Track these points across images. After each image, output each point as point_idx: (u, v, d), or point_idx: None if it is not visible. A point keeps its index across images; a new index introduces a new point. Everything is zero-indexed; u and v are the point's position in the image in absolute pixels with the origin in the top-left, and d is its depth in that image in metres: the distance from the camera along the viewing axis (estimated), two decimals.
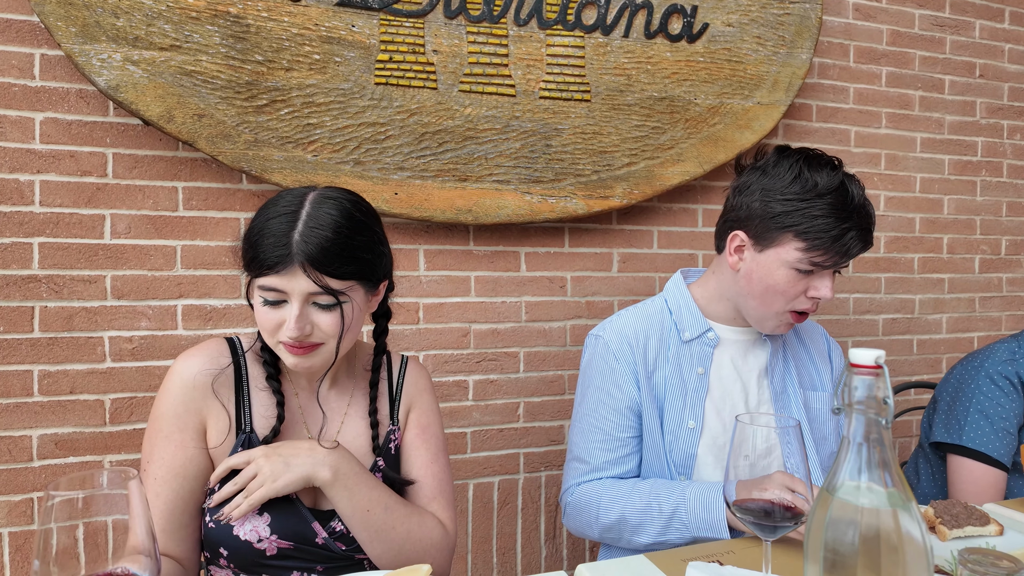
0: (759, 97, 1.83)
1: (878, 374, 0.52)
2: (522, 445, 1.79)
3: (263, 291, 0.87)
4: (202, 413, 0.93)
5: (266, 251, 0.84)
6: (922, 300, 2.23)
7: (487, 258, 1.74)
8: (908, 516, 0.50)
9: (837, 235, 1.03)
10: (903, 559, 0.49)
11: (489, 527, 1.76)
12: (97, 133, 1.44)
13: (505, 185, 1.63)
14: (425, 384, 1.10)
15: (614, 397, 1.15)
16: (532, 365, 1.80)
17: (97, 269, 1.44)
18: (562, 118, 1.66)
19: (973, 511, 0.95)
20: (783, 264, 1.06)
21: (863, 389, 0.52)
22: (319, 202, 0.88)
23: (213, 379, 0.93)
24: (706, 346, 1.19)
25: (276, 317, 0.87)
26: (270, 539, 0.91)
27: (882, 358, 0.51)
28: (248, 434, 0.94)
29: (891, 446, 0.52)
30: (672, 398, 1.16)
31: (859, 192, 1.06)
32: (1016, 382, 1.35)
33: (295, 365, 0.90)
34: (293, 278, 0.84)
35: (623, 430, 1.14)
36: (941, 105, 2.23)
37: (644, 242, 1.89)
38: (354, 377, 1.04)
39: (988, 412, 1.33)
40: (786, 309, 1.10)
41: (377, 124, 1.52)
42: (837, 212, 1.03)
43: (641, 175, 1.74)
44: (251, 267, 0.86)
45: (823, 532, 0.52)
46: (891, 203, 2.18)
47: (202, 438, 0.93)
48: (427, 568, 0.79)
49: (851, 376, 0.53)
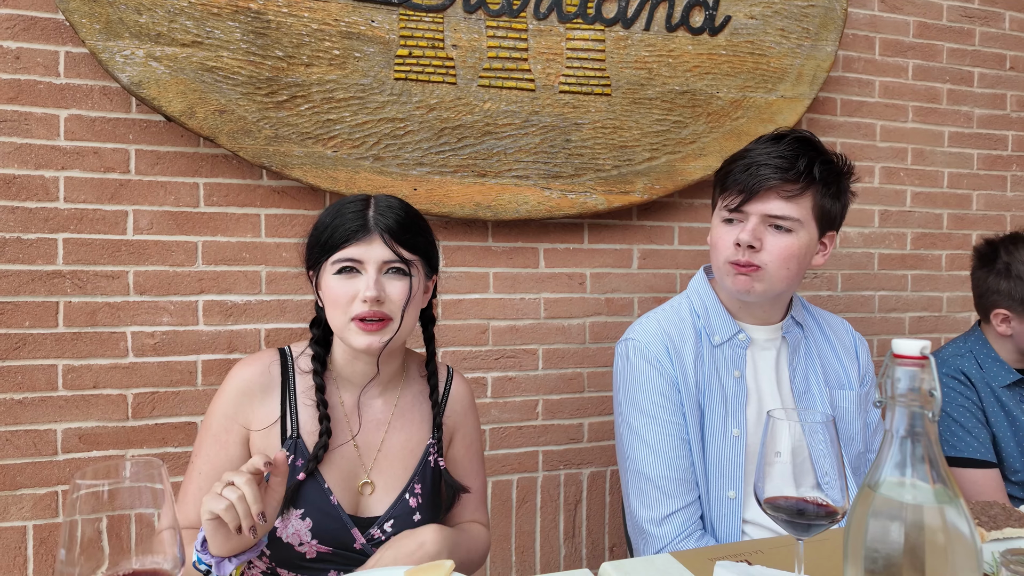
0: (783, 90, 1.80)
1: (923, 365, 0.50)
2: (541, 443, 1.78)
3: (340, 262, 0.93)
4: (248, 420, 0.96)
5: (345, 226, 0.93)
6: (950, 298, 2.17)
7: (506, 254, 1.72)
8: (956, 513, 0.48)
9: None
10: (950, 558, 0.47)
11: (508, 526, 1.74)
12: (120, 130, 1.45)
13: (524, 181, 1.61)
14: (470, 402, 1.12)
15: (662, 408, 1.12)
16: (551, 362, 1.78)
17: (120, 265, 1.45)
18: (582, 112, 1.64)
19: (1012, 512, 0.92)
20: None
21: (906, 381, 0.50)
22: (383, 197, 0.99)
23: (262, 388, 0.97)
24: (738, 348, 1.15)
25: (350, 289, 0.92)
26: (311, 543, 0.93)
27: (928, 348, 0.49)
28: (295, 440, 0.96)
29: (936, 441, 0.50)
30: (713, 404, 1.12)
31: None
32: (963, 378, 1.42)
33: (367, 345, 0.92)
34: (371, 247, 0.93)
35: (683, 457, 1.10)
36: (970, 98, 2.17)
37: (665, 238, 1.86)
38: (399, 387, 1.05)
39: (956, 417, 1.40)
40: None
41: (396, 120, 1.51)
42: None
43: (662, 170, 1.72)
44: (328, 245, 0.93)
45: (864, 530, 0.50)
46: (918, 199, 2.13)
47: (245, 443, 0.97)
48: (450, 563, 0.79)
49: (894, 367, 0.51)
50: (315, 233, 0.97)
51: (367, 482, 0.98)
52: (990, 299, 1.46)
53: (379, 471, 0.99)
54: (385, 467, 0.99)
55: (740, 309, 1.16)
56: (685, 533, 1.05)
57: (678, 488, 1.07)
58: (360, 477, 0.98)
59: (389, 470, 0.99)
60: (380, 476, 0.99)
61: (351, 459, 0.97)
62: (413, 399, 1.05)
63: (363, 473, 0.98)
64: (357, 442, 0.98)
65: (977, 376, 1.42)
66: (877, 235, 2.09)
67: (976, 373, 1.42)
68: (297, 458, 0.95)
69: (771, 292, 1.10)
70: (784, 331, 1.16)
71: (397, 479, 0.99)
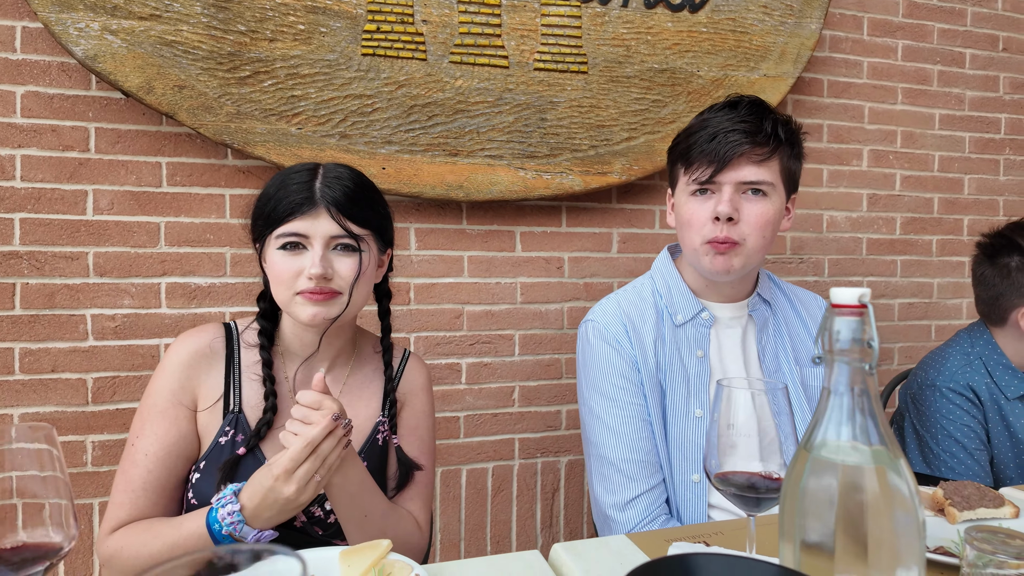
0: (765, 69, 1.75)
1: (863, 314, 0.45)
2: (517, 430, 1.74)
3: (284, 237, 0.88)
4: (195, 392, 0.93)
5: (290, 198, 0.88)
6: (941, 284, 2.12)
7: (481, 237, 1.68)
8: (896, 475, 0.44)
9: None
10: (890, 523, 0.43)
11: (483, 514, 1.70)
12: (79, 107, 1.41)
13: (498, 160, 1.57)
14: (422, 383, 1.07)
15: (622, 390, 1.08)
16: (528, 348, 1.74)
17: (79, 246, 1.42)
18: (557, 91, 1.60)
19: (987, 492, 0.87)
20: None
21: (847, 332, 0.46)
22: (332, 165, 0.94)
23: (206, 360, 0.94)
24: (702, 327, 1.11)
25: (295, 265, 0.88)
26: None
27: (867, 296, 0.45)
28: (236, 414, 0.92)
29: (877, 396, 0.45)
30: (675, 385, 1.09)
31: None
32: (971, 395, 1.28)
33: (312, 317, 0.88)
34: (317, 221, 0.88)
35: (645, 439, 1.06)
36: (961, 80, 2.12)
37: (645, 222, 1.82)
38: (349, 364, 1.02)
39: (957, 436, 1.27)
40: None
41: (364, 96, 1.47)
42: None
43: (641, 150, 1.67)
44: (272, 218, 0.89)
45: (798, 496, 0.46)
46: (908, 182, 2.08)
47: (193, 417, 0.93)
48: (387, 543, 0.74)
49: (832, 319, 0.46)
50: (259, 205, 0.92)
51: None
52: (1011, 299, 1.28)
53: None
54: None
55: (705, 288, 1.12)
56: (650, 517, 1.01)
57: (641, 471, 1.03)
58: None
59: None
60: None
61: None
62: (365, 377, 1.02)
63: None
64: (288, 428, 0.94)
65: (986, 392, 1.28)
66: (865, 219, 2.04)
67: (985, 388, 1.29)
68: (237, 433, 0.91)
69: (748, 266, 1.06)
70: (750, 309, 1.12)
71: None
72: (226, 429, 0.91)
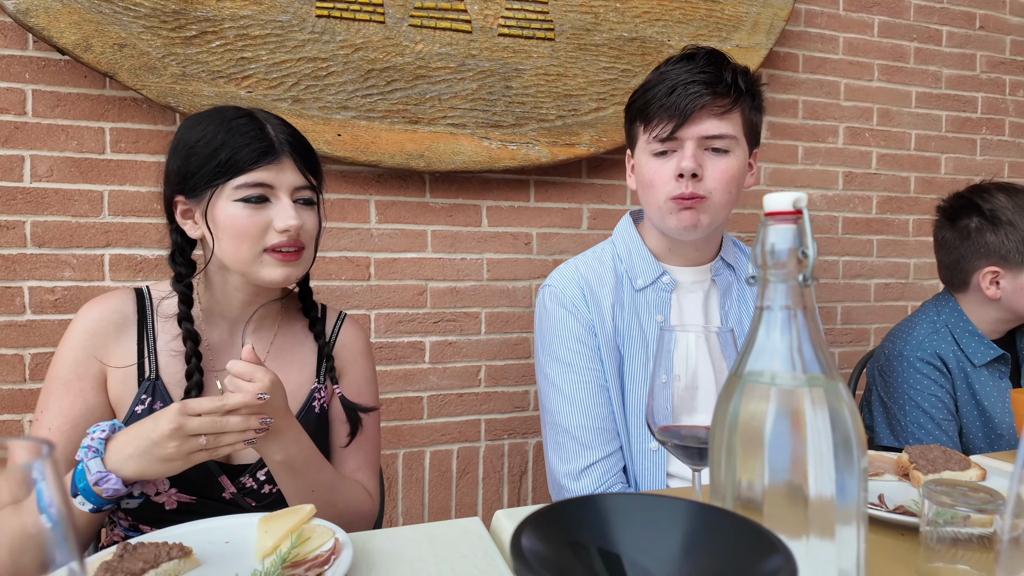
0: (738, 39, 1.71)
1: (798, 221, 0.40)
2: (483, 411, 1.68)
3: (247, 188, 0.81)
4: (103, 361, 0.85)
5: (250, 145, 0.81)
6: (917, 264, 2.10)
7: (445, 211, 1.62)
8: (833, 396, 0.39)
9: None
10: (826, 448, 0.38)
11: (447, 497, 1.65)
12: (15, 68, 1.33)
13: (461, 129, 1.51)
14: (362, 347, 1.01)
15: (578, 354, 1.03)
16: (495, 327, 1.69)
17: (16, 214, 1.34)
18: (523, 57, 1.55)
19: (952, 455, 0.83)
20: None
21: (782, 242, 0.40)
22: (264, 112, 0.87)
23: (115, 326, 0.86)
24: (663, 292, 1.07)
25: (261, 219, 0.82)
26: (168, 492, 0.83)
27: (803, 201, 0.40)
28: (153, 380, 0.86)
29: (814, 313, 0.40)
30: (633, 351, 1.04)
31: None
32: (939, 364, 1.25)
33: (285, 278, 0.84)
34: (282, 171, 0.83)
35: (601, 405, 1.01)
36: (938, 58, 2.09)
37: (616, 197, 1.77)
38: (275, 327, 0.95)
39: (924, 407, 1.24)
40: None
41: (318, 59, 1.41)
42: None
43: (610, 121, 1.62)
44: (227, 167, 0.81)
45: (727, 424, 0.41)
46: (884, 161, 2.05)
47: (103, 388, 0.86)
48: (309, 508, 0.69)
49: (766, 229, 0.41)
50: (199, 152, 0.82)
51: None
52: (972, 261, 1.27)
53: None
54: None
55: (667, 251, 1.07)
56: (604, 486, 0.96)
57: (596, 438, 0.98)
58: None
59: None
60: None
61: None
62: (294, 339, 0.95)
63: None
64: (222, 382, 0.88)
65: (953, 360, 1.26)
66: (841, 198, 2.01)
67: (953, 356, 1.26)
68: (155, 400, 0.84)
69: (715, 223, 1.01)
70: (714, 273, 1.08)
71: None
72: (142, 397, 0.84)
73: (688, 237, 1.03)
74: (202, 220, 0.85)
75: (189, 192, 0.85)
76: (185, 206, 0.86)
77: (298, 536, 0.65)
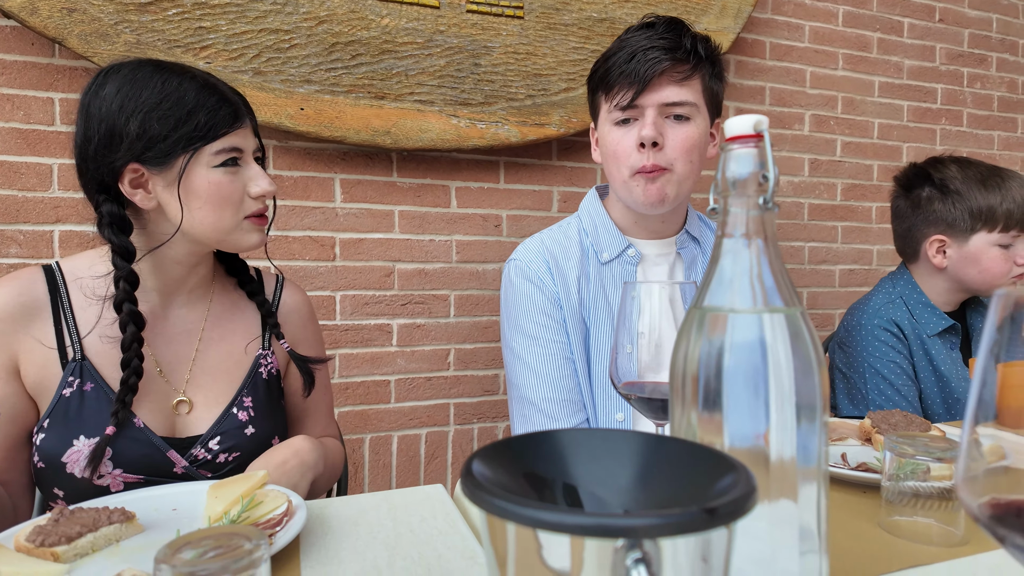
0: (706, 23, 1.72)
1: (759, 145, 0.39)
2: (453, 395, 1.66)
3: (225, 153, 0.78)
4: (12, 348, 0.78)
5: (222, 109, 0.78)
6: (880, 251, 2.14)
7: (413, 191, 1.60)
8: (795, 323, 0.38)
9: None
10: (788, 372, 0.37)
11: (415, 482, 1.62)
12: None
13: (428, 106, 1.49)
14: (308, 312, 1.00)
15: (544, 327, 1.02)
16: (464, 309, 1.66)
17: None
18: (492, 35, 1.53)
19: (913, 419, 0.84)
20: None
21: (744, 167, 0.39)
22: (201, 71, 0.82)
23: (23, 309, 0.79)
24: (628, 264, 1.06)
25: (240, 185, 0.80)
26: (112, 474, 0.78)
27: (763, 124, 0.39)
28: (79, 361, 0.79)
29: (774, 237, 0.39)
30: (599, 323, 1.03)
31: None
32: (896, 330, 1.28)
33: (259, 241, 0.83)
34: (247, 135, 0.82)
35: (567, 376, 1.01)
36: (900, 48, 2.14)
37: (587, 180, 1.76)
38: (210, 295, 0.90)
39: (884, 373, 1.26)
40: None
41: (280, 31, 1.37)
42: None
43: (580, 102, 1.61)
44: (205, 132, 0.77)
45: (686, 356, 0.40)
46: (848, 148, 2.08)
47: (14, 376, 0.79)
48: (263, 473, 0.66)
49: (727, 154, 0.40)
50: (168, 113, 0.75)
51: (183, 400, 0.84)
52: (922, 229, 1.31)
53: (196, 386, 0.85)
54: (204, 382, 0.85)
55: (633, 224, 1.07)
56: None
57: (563, 410, 0.97)
58: (171, 395, 0.83)
59: (210, 384, 0.86)
60: (198, 392, 0.85)
61: (152, 376, 0.82)
62: (232, 306, 0.91)
63: (174, 391, 0.84)
64: (159, 357, 0.84)
65: (909, 327, 1.29)
66: (807, 184, 2.03)
67: (908, 323, 1.29)
68: (85, 382, 0.79)
69: (680, 195, 1.01)
70: (679, 246, 1.07)
71: (221, 393, 0.86)
72: (69, 380, 0.79)
73: (656, 211, 1.02)
74: (169, 189, 0.78)
75: (153, 160, 0.77)
76: (139, 174, 0.78)
77: (250, 500, 0.62)
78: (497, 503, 0.28)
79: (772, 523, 0.39)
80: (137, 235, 0.81)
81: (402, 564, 0.56)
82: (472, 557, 0.57)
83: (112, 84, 0.77)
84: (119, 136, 0.76)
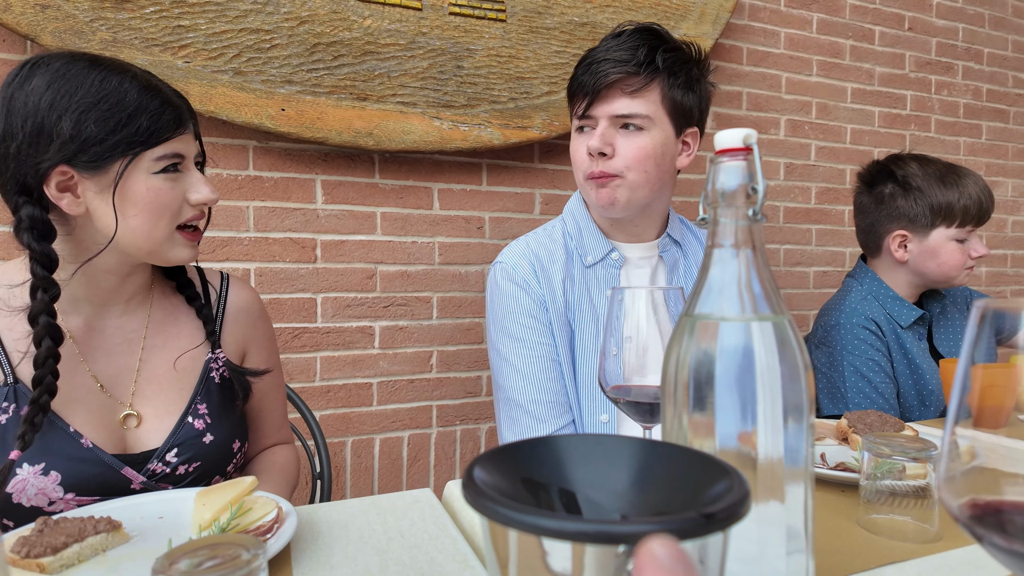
0: (685, 28, 1.74)
1: (748, 158, 0.41)
2: (435, 397, 1.66)
3: (167, 160, 0.75)
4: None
5: (165, 113, 0.74)
6: (852, 253, 2.19)
7: (395, 193, 1.59)
8: (783, 331, 0.39)
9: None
10: (775, 377, 0.38)
11: (398, 485, 1.62)
12: None
13: (411, 108, 1.49)
14: (259, 309, 0.96)
15: (530, 329, 1.03)
16: (447, 311, 1.67)
17: None
18: (475, 37, 1.53)
19: (888, 419, 0.87)
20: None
21: (733, 180, 0.41)
22: (127, 64, 0.77)
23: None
24: (612, 268, 1.08)
25: (179, 192, 0.77)
26: (65, 499, 0.74)
27: (752, 138, 0.40)
28: (12, 385, 0.73)
29: (762, 247, 0.41)
30: (584, 325, 1.05)
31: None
32: (874, 328, 1.32)
33: (191, 256, 0.80)
34: (189, 140, 0.78)
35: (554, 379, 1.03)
36: (871, 56, 2.19)
37: (569, 183, 1.77)
38: (148, 303, 0.85)
39: (863, 371, 1.29)
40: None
41: (261, 31, 1.35)
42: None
43: (562, 105, 1.63)
44: (148, 135, 0.73)
45: (677, 364, 0.41)
46: (822, 153, 2.13)
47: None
48: (251, 479, 0.66)
49: (717, 168, 0.41)
50: (106, 115, 0.70)
51: (130, 413, 0.80)
52: (885, 224, 1.35)
53: (143, 398, 0.81)
54: (152, 392, 0.81)
55: (613, 227, 1.09)
56: None
57: (549, 412, 0.98)
58: (117, 410, 0.79)
59: (158, 394, 0.82)
60: (146, 403, 0.81)
61: (93, 392, 0.78)
62: (174, 311, 0.87)
63: (120, 404, 0.80)
64: (97, 372, 0.79)
65: (884, 323, 1.32)
66: (782, 188, 2.08)
67: (883, 318, 1.32)
68: (21, 407, 0.74)
69: (636, 201, 1.03)
70: (660, 250, 1.10)
71: (172, 403, 0.82)
72: (3, 406, 0.73)
73: (609, 214, 1.05)
74: (102, 195, 0.72)
75: (85, 163, 0.71)
76: (68, 177, 0.72)
77: (239, 507, 0.62)
78: (500, 510, 0.29)
79: (760, 524, 0.40)
80: (62, 242, 0.75)
81: (394, 569, 0.56)
82: (463, 560, 0.58)
83: (41, 78, 0.70)
84: (48, 135, 0.70)
